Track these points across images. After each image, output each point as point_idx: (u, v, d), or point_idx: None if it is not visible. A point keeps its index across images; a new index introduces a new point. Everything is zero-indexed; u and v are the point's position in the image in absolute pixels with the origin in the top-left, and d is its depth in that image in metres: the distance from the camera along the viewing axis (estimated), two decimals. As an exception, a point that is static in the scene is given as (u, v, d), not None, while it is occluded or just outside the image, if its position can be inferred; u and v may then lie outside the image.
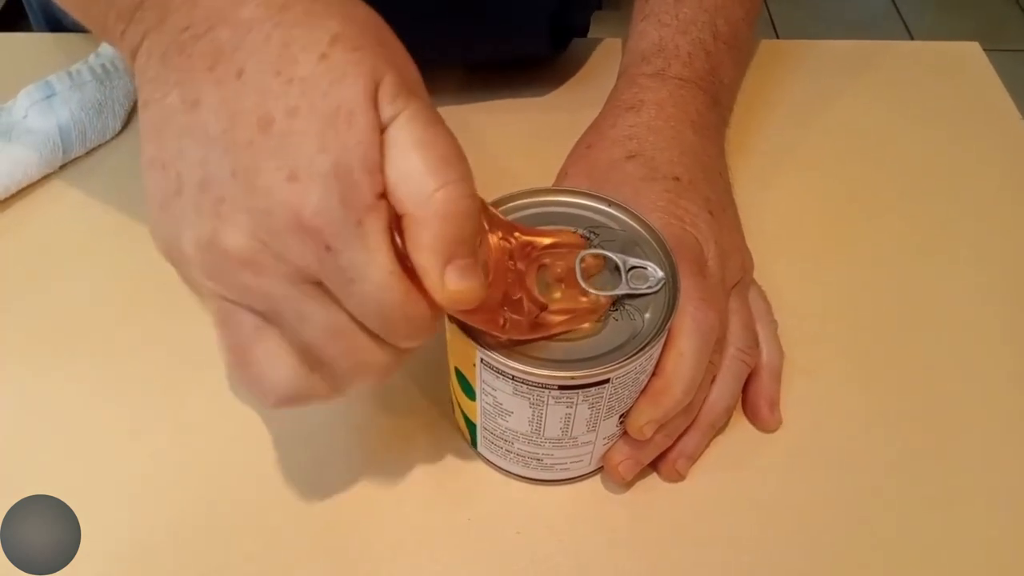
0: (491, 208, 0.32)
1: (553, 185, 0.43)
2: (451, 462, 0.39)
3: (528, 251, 0.33)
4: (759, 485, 0.39)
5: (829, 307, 0.45)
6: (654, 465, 0.38)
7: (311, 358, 0.29)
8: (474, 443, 0.38)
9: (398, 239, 0.27)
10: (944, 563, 0.36)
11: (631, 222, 0.35)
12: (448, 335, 0.34)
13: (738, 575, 0.36)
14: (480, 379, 0.33)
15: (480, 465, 0.39)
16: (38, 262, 0.46)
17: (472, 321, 0.30)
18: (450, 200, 0.26)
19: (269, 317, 0.28)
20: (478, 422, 0.36)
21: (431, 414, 0.41)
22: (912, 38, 1.81)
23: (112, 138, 0.52)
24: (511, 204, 0.36)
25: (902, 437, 0.40)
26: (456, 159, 0.27)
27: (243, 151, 0.26)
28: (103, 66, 0.52)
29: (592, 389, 0.32)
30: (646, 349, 0.32)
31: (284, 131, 0.26)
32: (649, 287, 0.33)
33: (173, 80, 0.27)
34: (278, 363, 0.28)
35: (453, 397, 0.38)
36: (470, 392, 0.35)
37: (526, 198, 0.36)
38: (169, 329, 0.43)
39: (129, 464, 0.39)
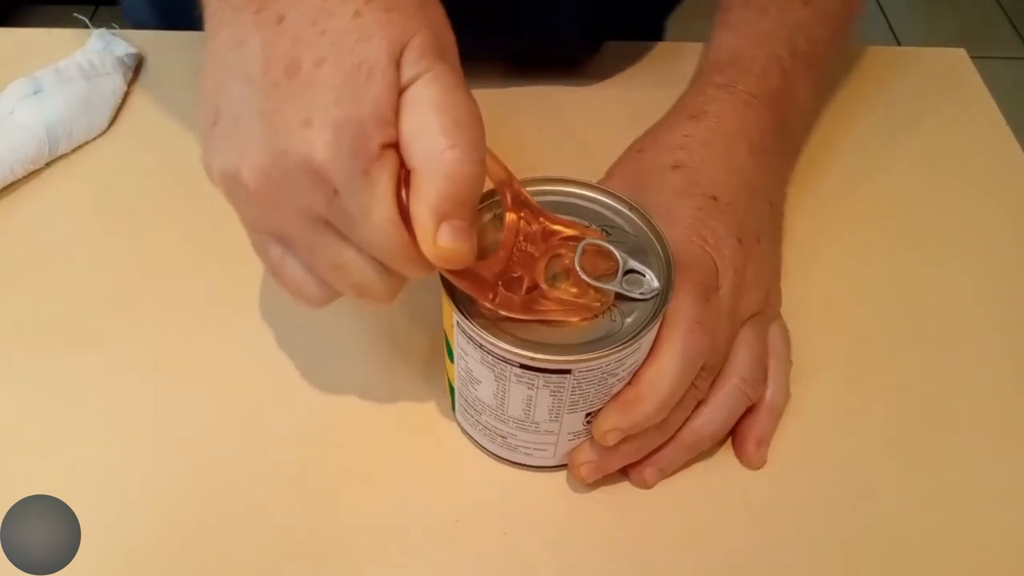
0: (524, 190, 0.33)
1: (598, 181, 0.42)
2: (438, 463, 0.39)
3: (548, 238, 0.33)
4: (750, 488, 0.39)
5: (820, 310, 0.45)
6: (624, 468, 0.38)
7: None
8: (453, 408, 0.39)
9: (404, 194, 0.28)
10: (936, 564, 0.37)
11: (645, 229, 0.35)
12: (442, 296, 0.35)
13: (729, 578, 0.36)
14: (456, 343, 0.34)
15: (467, 466, 0.39)
16: (24, 259, 0.46)
17: (463, 286, 0.31)
18: (457, 161, 0.28)
19: (288, 245, 0.31)
20: (456, 387, 0.37)
21: (416, 413, 0.41)
22: (899, 44, 1.82)
23: (99, 135, 0.52)
24: (537, 188, 0.36)
25: (894, 438, 0.40)
26: (470, 125, 0.28)
27: (270, 93, 0.28)
28: (91, 62, 0.52)
29: (553, 376, 0.32)
30: (613, 352, 0.31)
31: (308, 79, 0.27)
32: (641, 293, 0.33)
33: (227, 19, 0.29)
34: (305, 282, 0.32)
35: (444, 358, 0.39)
36: (451, 354, 0.36)
37: (554, 185, 0.36)
38: (157, 325, 0.43)
39: (127, 462, 0.39)
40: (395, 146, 0.28)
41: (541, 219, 0.33)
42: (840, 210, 0.50)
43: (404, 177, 0.28)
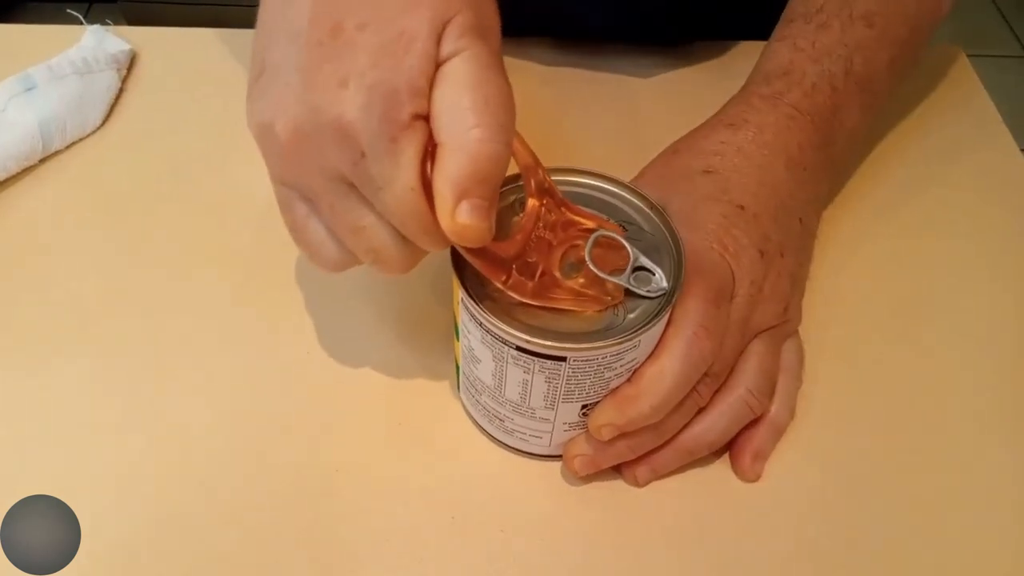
0: (549, 178, 0.33)
1: (632, 179, 0.42)
2: (434, 461, 0.39)
3: (568, 228, 0.34)
4: (750, 488, 0.39)
5: (819, 309, 0.44)
6: (617, 464, 0.38)
7: None
8: (458, 386, 0.40)
9: (430, 167, 0.29)
10: (936, 566, 0.37)
11: (663, 229, 0.35)
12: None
13: (726, 576, 0.36)
14: (461, 320, 0.34)
15: (463, 465, 0.39)
16: (16, 257, 0.46)
17: (477, 264, 0.31)
18: (481, 140, 0.28)
19: (312, 204, 0.31)
20: (460, 364, 0.37)
21: (413, 413, 0.41)
22: (895, 43, 1.82)
23: (92, 132, 0.51)
24: (562, 178, 0.36)
25: (893, 439, 0.40)
26: (501, 106, 0.29)
27: (312, 51, 0.28)
28: (84, 59, 0.52)
29: (548, 362, 0.32)
30: (610, 345, 0.31)
31: (349, 41, 0.28)
32: (648, 291, 0.33)
33: None
34: (325, 244, 0.32)
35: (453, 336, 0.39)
36: (456, 331, 0.36)
37: (579, 176, 0.36)
38: (153, 323, 0.43)
39: (126, 462, 0.39)
40: (426, 118, 0.29)
41: (563, 208, 0.34)
42: (836, 208, 0.50)
43: (432, 151, 0.29)
